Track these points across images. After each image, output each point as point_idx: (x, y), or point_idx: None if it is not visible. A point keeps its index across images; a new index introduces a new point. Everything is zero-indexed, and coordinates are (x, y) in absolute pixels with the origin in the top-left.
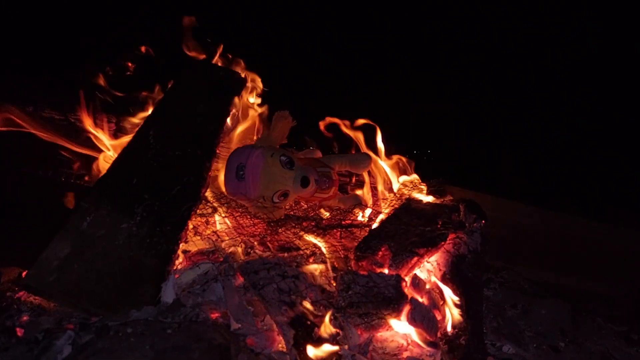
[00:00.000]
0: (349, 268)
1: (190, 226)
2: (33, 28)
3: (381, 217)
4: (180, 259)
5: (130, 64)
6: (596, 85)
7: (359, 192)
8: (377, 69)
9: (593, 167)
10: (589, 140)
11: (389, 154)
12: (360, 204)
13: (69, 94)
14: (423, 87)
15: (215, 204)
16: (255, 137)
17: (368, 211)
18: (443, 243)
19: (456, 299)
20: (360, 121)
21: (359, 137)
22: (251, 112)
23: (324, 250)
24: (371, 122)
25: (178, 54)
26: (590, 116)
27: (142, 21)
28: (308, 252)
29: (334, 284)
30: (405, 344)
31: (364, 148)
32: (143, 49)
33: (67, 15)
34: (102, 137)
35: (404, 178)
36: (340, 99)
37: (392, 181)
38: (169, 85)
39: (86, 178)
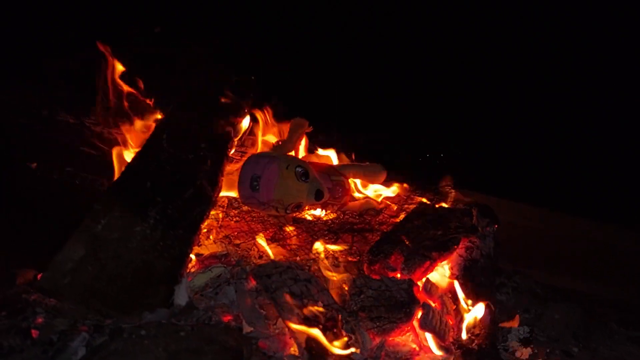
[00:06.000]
0: (361, 272)
1: (203, 230)
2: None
3: (394, 220)
4: (193, 262)
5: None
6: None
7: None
8: (384, 70)
9: (605, 169)
10: (602, 141)
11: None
12: (373, 208)
13: (83, 97)
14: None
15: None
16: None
17: (380, 215)
18: (456, 247)
19: (470, 302)
20: None
21: None
22: None
23: (335, 254)
24: None
25: (190, 56)
26: (602, 117)
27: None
28: (320, 256)
29: (346, 288)
30: (417, 348)
31: None
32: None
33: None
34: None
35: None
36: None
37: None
38: (183, 89)
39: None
